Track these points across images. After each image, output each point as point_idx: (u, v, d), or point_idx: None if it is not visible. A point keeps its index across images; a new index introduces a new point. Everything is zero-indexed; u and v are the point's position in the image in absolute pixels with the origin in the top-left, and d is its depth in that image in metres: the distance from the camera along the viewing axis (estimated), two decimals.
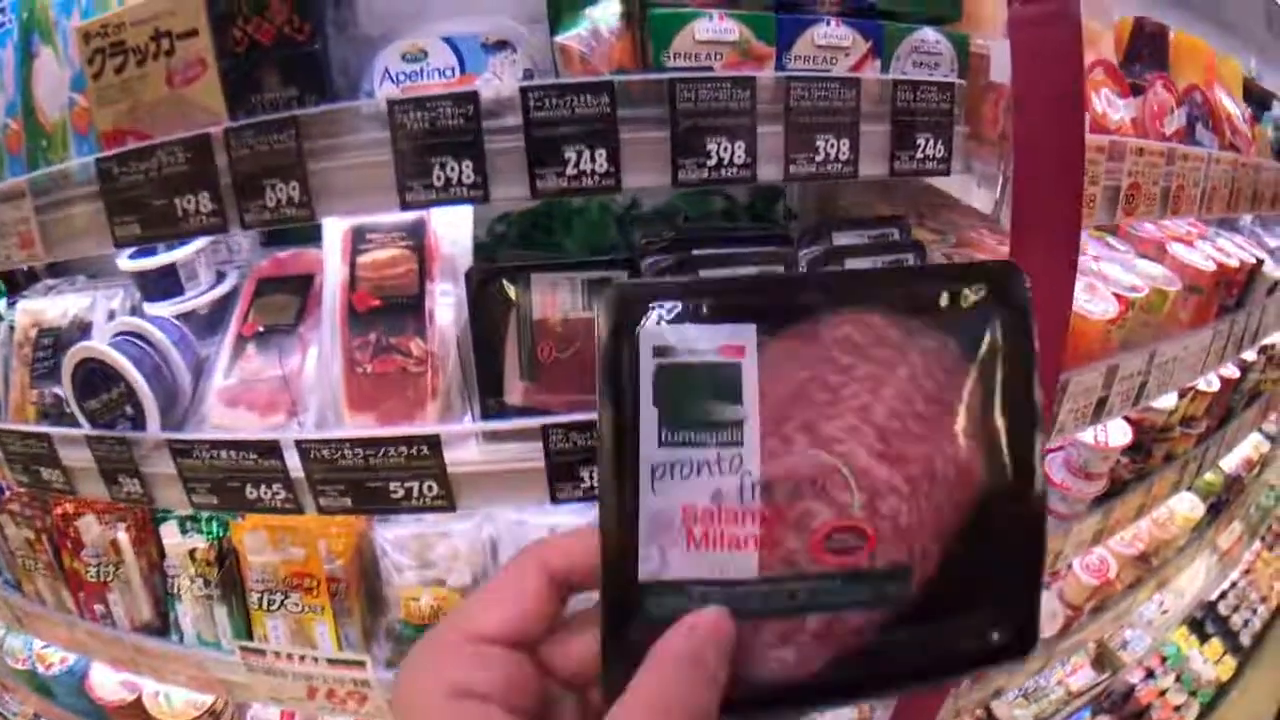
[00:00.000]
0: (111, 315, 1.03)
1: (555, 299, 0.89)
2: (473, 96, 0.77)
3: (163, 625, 1.21)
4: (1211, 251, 1.49)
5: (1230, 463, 2.11)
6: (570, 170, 0.80)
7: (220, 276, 1.09)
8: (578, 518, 1.05)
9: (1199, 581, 2.29)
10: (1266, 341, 1.78)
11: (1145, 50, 1.39)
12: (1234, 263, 1.47)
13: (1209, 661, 2.36)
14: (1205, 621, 2.48)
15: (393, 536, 1.04)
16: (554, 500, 0.89)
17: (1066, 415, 1.15)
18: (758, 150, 0.84)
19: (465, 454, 0.88)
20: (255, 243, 1.20)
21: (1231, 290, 1.53)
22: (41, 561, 1.23)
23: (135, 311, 1.03)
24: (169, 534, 1.14)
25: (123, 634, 1.21)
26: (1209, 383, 1.64)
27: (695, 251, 0.95)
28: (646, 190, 1.28)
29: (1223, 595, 2.50)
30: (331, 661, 1.04)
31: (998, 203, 1.11)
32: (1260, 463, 2.26)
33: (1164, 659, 2.35)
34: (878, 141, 0.91)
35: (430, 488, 0.88)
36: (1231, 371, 1.74)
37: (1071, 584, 1.70)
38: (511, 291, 0.88)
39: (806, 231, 1.08)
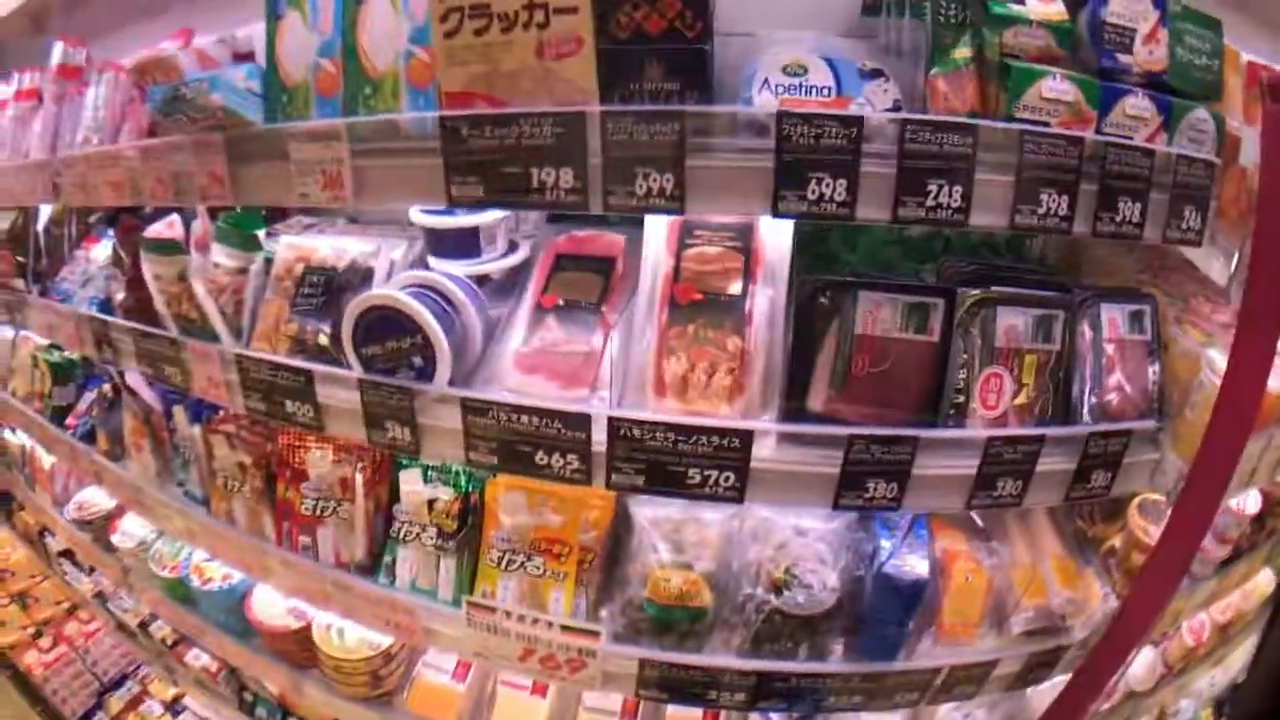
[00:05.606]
0: (392, 266, 1.09)
1: (878, 316, 1.00)
2: (859, 120, 0.88)
3: (371, 566, 1.25)
4: None
5: None
6: (930, 202, 0.91)
7: (513, 245, 1.16)
8: (826, 523, 1.16)
9: (1240, 660, 2.41)
10: None
11: None
12: None
13: None
14: (1225, 703, 2.59)
15: (650, 515, 1.14)
16: (835, 507, 1.00)
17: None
18: (1078, 204, 0.97)
19: (762, 451, 0.99)
20: (542, 216, 1.27)
21: None
22: (250, 487, 1.27)
23: (417, 265, 1.09)
24: (409, 481, 1.19)
25: (324, 568, 1.26)
26: None
27: (994, 288, 1.07)
28: None
29: None
30: (565, 628, 1.11)
31: (1231, 277, 1.27)
32: None
33: None
34: (1160, 209, 1.03)
35: (728, 478, 0.98)
36: None
37: (1176, 643, 1.83)
38: (838, 304, 0.99)
39: (1086, 300, 1.16)
